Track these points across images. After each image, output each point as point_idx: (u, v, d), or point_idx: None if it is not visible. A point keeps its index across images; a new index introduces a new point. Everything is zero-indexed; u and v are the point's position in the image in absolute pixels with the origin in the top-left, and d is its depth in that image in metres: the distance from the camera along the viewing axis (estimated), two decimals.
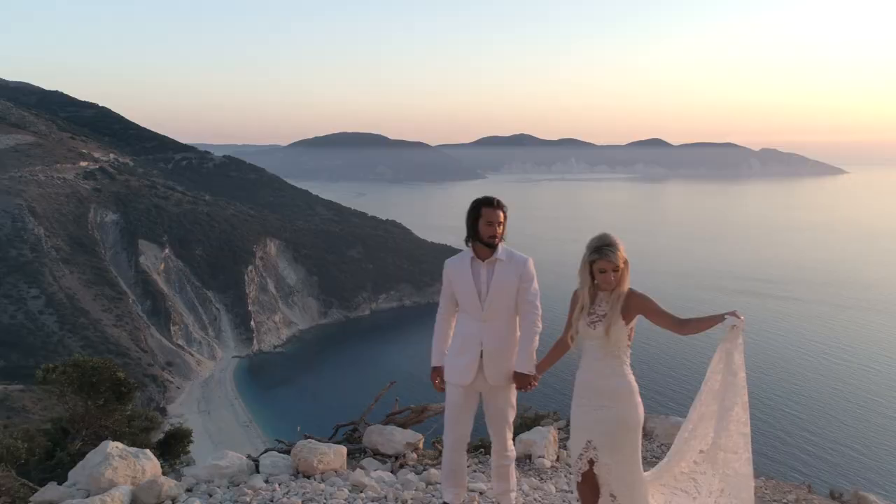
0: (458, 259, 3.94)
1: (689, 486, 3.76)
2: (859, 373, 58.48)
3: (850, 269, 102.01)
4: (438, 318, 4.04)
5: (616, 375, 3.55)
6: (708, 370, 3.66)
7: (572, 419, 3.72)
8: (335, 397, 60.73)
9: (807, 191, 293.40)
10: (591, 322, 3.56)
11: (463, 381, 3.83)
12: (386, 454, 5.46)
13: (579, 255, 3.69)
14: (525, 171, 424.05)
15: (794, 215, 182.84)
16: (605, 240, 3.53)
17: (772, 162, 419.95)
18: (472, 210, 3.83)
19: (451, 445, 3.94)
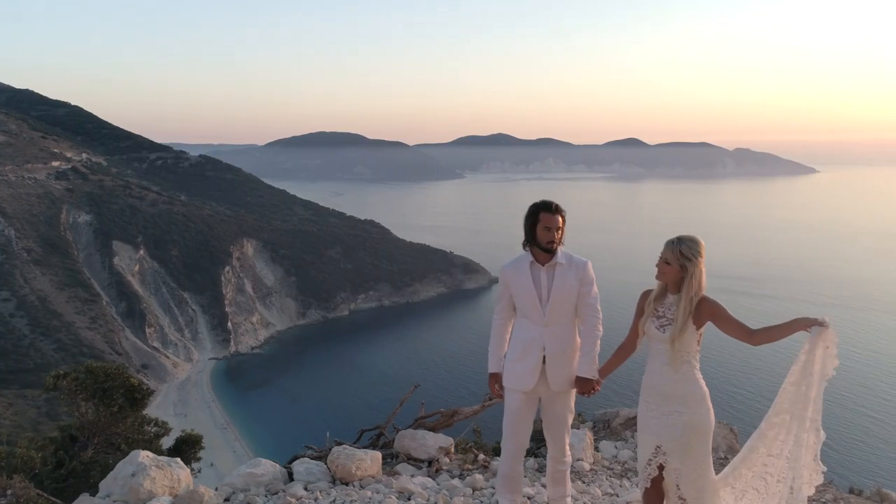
0: (515, 264, 3.87)
1: (760, 485, 3.73)
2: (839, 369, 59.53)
3: (825, 267, 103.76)
4: (495, 323, 3.93)
5: (687, 380, 3.49)
6: (785, 379, 3.60)
7: (640, 424, 3.68)
8: (315, 399, 60.39)
9: (780, 190, 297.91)
10: (660, 325, 3.52)
11: (525, 387, 3.79)
12: (419, 459, 5.35)
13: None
14: (504, 171, 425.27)
15: (768, 214, 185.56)
16: (680, 237, 3.53)
17: (746, 161, 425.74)
18: (531, 215, 3.79)
19: (511, 452, 3.89)
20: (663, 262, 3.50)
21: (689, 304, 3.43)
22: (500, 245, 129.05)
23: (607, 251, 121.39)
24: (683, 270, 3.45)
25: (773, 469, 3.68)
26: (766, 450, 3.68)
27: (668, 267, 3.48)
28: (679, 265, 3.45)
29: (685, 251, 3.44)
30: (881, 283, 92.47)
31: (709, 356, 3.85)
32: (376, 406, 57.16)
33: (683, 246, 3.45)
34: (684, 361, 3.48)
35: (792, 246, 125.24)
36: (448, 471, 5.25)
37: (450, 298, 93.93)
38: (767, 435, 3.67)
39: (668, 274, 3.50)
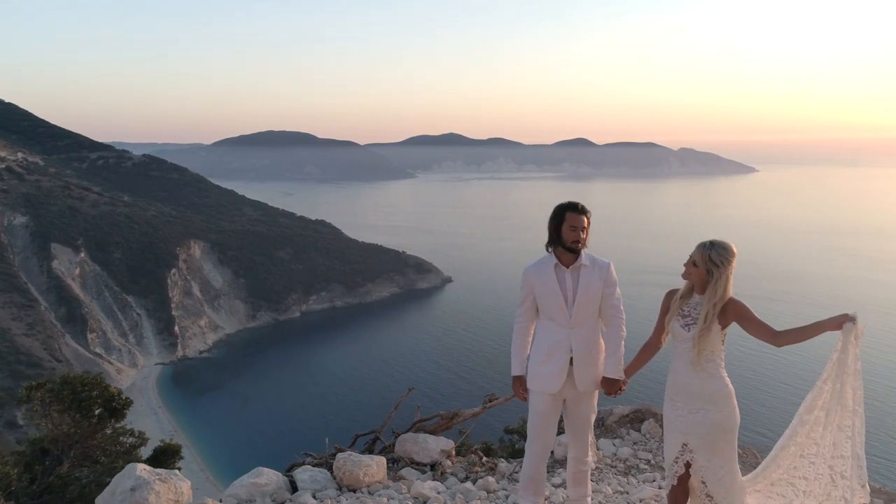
0: (539, 266, 3.88)
1: (787, 491, 3.74)
2: (783, 363, 61.52)
3: (769, 263, 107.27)
4: (518, 326, 3.92)
5: (712, 378, 3.53)
6: (819, 379, 3.61)
7: (666, 422, 3.71)
8: (267, 402, 59.36)
9: (722, 188, 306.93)
10: (685, 324, 3.57)
11: (551, 389, 3.79)
12: (421, 463, 5.30)
13: (513, 252, 3.60)
14: (455, 171, 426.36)
15: (712, 212, 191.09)
16: (713, 241, 3.61)
17: (690, 161, 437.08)
18: (557, 215, 3.83)
19: (537, 454, 3.90)
20: (691, 263, 3.59)
21: (712, 308, 3.48)
22: (453, 245, 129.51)
23: None
24: (709, 275, 3.52)
25: (802, 472, 3.69)
26: (796, 449, 3.70)
27: (694, 269, 3.57)
28: (706, 269, 3.52)
29: (714, 257, 3.52)
30: (817, 277, 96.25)
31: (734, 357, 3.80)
32: (332, 408, 56.65)
33: (713, 251, 3.54)
34: (709, 360, 3.53)
35: (735, 243, 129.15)
36: (453, 474, 5.21)
37: (403, 298, 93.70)
38: (799, 433, 3.69)
39: (694, 276, 3.58)
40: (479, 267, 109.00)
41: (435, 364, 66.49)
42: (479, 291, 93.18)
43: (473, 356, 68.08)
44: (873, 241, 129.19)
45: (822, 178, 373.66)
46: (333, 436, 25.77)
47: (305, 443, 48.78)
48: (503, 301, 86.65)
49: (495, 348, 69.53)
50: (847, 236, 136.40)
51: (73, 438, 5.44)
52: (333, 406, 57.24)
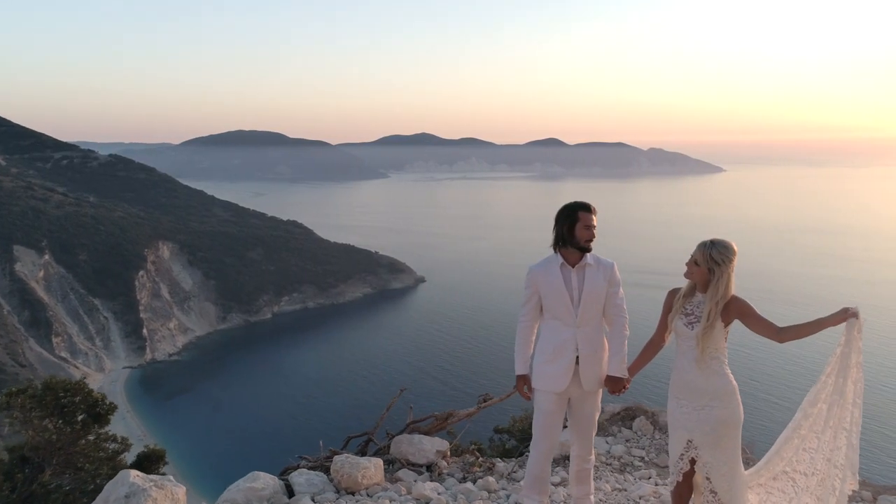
0: (544, 266, 3.88)
1: (787, 486, 3.81)
2: (750, 358, 62.67)
3: (738, 261, 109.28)
4: (522, 325, 3.94)
5: (717, 375, 3.59)
6: (822, 373, 3.68)
7: (671, 420, 3.74)
8: (238, 405, 58.61)
9: (691, 188, 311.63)
10: (688, 322, 3.63)
11: (558, 388, 3.82)
12: (417, 464, 5.27)
13: (487, 251, 3.54)
14: (428, 171, 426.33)
15: (681, 211, 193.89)
16: (713, 240, 3.64)
17: (659, 161, 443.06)
18: (569, 215, 3.83)
19: (543, 453, 3.93)
20: (692, 262, 3.64)
21: (714, 307, 3.54)
22: (426, 244, 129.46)
23: (539, 249, 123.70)
24: (711, 273, 3.57)
25: (802, 466, 3.76)
26: (799, 442, 3.78)
27: (696, 268, 3.62)
28: (707, 268, 3.57)
29: (715, 255, 3.56)
30: (784, 275, 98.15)
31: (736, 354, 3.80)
32: (306, 410, 56.16)
33: (714, 250, 3.58)
34: (713, 358, 3.58)
35: (696, 241, 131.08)
36: (450, 474, 5.20)
37: (376, 299, 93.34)
38: (803, 425, 3.76)
39: (696, 274, 3.63)
40: (452, 267, 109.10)
41: (408, 364, 66.33)
42: (452, 291, 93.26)
43: (448, 356, 68.08)
44: (838, 239, 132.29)
45: (788, 177, 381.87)
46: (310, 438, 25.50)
47: (280, 446, 48.16)
48: (477, 301, 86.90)
49: (470, 348, 69.71)
50: (813, 235, 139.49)
51: (54, 445, 5.33)
52: (307, 408, 56.76)
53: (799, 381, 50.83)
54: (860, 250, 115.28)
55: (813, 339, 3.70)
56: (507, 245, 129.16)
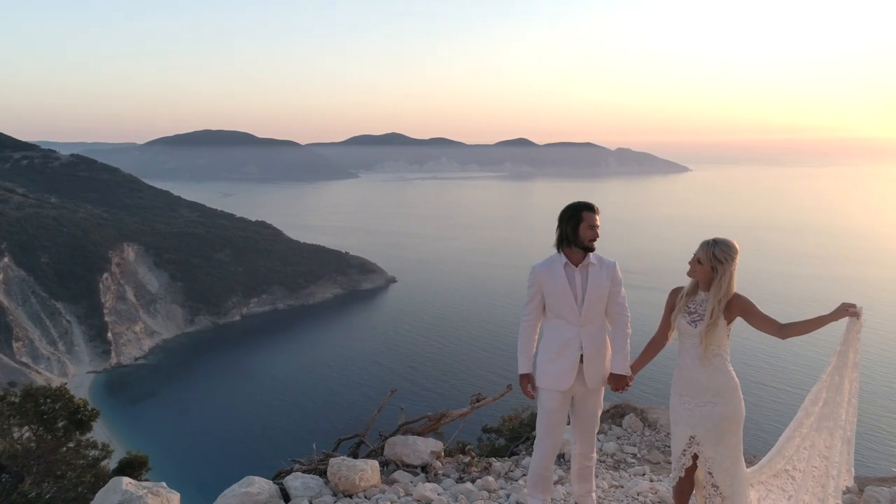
0: (547, 265, 3.90)
1: (787, 484, 3.89)
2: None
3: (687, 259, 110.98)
4: (525, 324, 3.95)
5: (720, 372, 3.64)
6: (824, 372, 3.75)
7: (673, 417, 3.79)
8: (207, 409, 57.72)
9: (658, 187, 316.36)
10: (691, 321, 3.69)
11: (562, 387, 3.84)
12: (412, 465, 5.24)
13: (458, 251, 3.47)
14: (398, 170, 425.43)
15: (649, 210, 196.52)
16: (716, 239, 3.69)
17: (627, 160, 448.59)
18: (573, 215, 3.85)
19: (548, 452, 3.94)
20: (696, 261, 3.70)
21: (717, 304, 3.60)
22: (397, 244, 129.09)
23: (511, 248, 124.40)
24: (714, 272, 3.63)
25: (801, 464, 3.83)
26: (800, 441, 3.84)
27: (699, 266, 3.68)
28: (710, 266, 3.63)
29: (718, 254, 3.61)
30: (749, 273, 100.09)
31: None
32: (277, 413, 55.51)
33: (717, 249, 3.62)
34: (716, 355, 3.64)
35: (671, 239, 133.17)
36: (445, 475, 5.17)
37: (346, 300, 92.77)
38: (805, 424, 3.82)
39: (699, 273, 3.69)
40: (423, 267, 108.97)
41: (378, 365, 66.00)
42: (424, 291, 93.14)
43: (420, 357, 67.94)
44: (802, 237, 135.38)
45: (753, 177, 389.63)
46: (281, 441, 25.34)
47: (251, 450, 47.47)
48: (449, 301, 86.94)
49: (442, 348, 69.68)
50: (778, 233, 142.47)
51: (34, 453, 5.21)
52: (278, 411, 56.15)
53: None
54: (823, 247, 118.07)
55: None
56: (478, 244, 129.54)
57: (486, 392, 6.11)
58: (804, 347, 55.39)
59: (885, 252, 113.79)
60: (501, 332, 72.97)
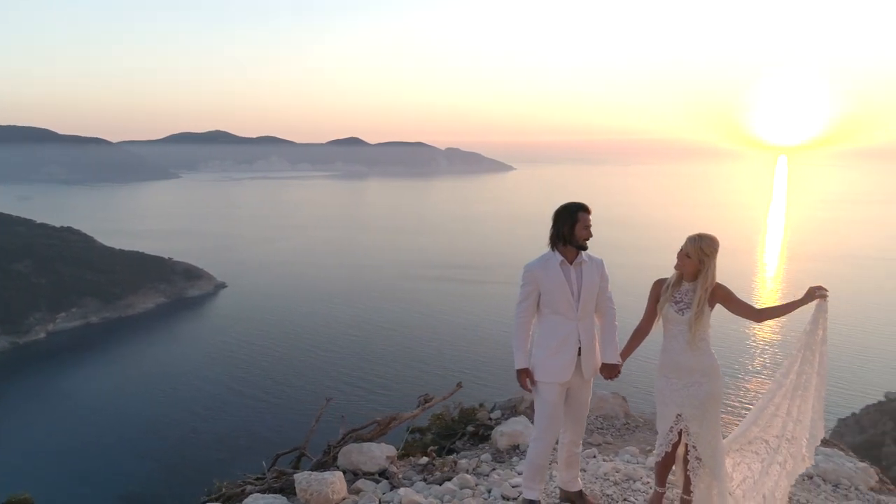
0: (543, 263, 4.07)
1: (761, 448, 4.22)
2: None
3: (525, 252, 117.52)
4: (520, 321, 4.08)
5: (705, 355, 3.98)
6: (794, 348, 4.12)
7: (661, 396, 4.10)
8: (7, 439, 51.30)
9: (485, 186, 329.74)
10: (678, 309, 3.99)
11: (563, 379, 4.02)
12: (370, 472, 5.11)
13: (291, 252, 3.59)
14: (224, 170, 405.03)
15: (477, 208, 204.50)
16: (701, 235, 4.00)
17: (456, 160, 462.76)
18: (570, 216, 4.04)
19: (549, 443, 4.09)
20: (684, 254, 4.00)
21: (704, 293, 3.93)
22: (226, 248, 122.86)
23: (350, 247, 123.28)
24: (701, 264, 3.94)
25: (774, 430, 4.19)
26: (773, 409, 4.20)
27: (688, 259, 3.98)
28: (698, 259, 3.95)
29: (705, 248, 3.94)
30: None
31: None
32: (95, 437, 50.69)
33: (704, 243, 3.95)
34: (701, 339, 3.97)
35: (496, 236, 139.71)
36: (407, 478, 5.12)
37: (171, 308, 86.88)
38: (777, 394, 4.19)
39: (687, 265, 3.99)
40: (255, 270, 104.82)
41: (204, 379, 62.47)
42: (257, 295, 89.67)
43: (254, 364, 65.31)
44: (611, 230, 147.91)
45: (570, 175, 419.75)
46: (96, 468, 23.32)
47: (67, 478, 42.73)
48: (284, 304, 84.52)
49: (277, 354, 67.59)
50: (592, 227, 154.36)
51: None
52: (100, 431, 51.46)
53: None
54: (630, 239, 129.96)
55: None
56: (312, 245, 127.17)
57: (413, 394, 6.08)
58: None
59: (678, 241, 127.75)
60: (340, 335, 72.45)
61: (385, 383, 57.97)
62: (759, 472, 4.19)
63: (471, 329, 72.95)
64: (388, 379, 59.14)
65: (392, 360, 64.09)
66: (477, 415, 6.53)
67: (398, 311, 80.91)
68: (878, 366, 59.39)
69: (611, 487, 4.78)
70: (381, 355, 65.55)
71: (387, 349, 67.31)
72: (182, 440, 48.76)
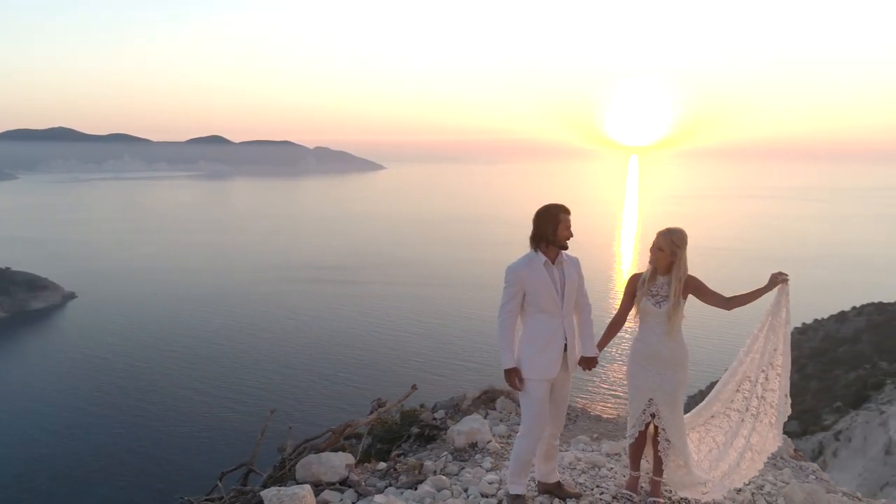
0: (527, 263, 4.16)
1: (723, 422, 4.51)
2: (413, 337, 68.32)
3: (393, 252, 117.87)
4: (507, 321, 4.17)
5: (678, 345, 4.24)
6: (755, 328, 4.39)
7: (634, 382, 4.34)
8: None
9: (355, 185, 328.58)
10: (655, 302, 4.22)
11: (551, 375, 4.15)
12: (331, 482, 4.99)
13: (148, 258, 3.07)
14: (70, 170, 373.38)
15: (347, 207, 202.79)
16: (670, 229, 4.24)
17: (326, 159, 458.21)
18: (553, 217, 4.12)
19: (538, 438, 4.23)
20: (657, 248, 4.21)
21: (678, 283, 4.17)
22: (74, 255, 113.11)
23: (214, 250, 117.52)
24: (673, 255, 4.18)
25: (736, 405, 4.44)
26: (734, 385, 4.44)
27: (661, 253, 4.20)
28: (671, 251, 4.17)
29: (677, 240, 4.17)
30: (436, 260, 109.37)
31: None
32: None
33: (675, 236, 4.18)
34: (677, 330, 4.22)
35: (366, 235, 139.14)
36: (371, 485, 5.04)
37: (12, 323, 78.29)
38: (738, 371, 4.42)
39: (661, 259, 4.21)
40: (109, 278, 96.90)
41: (60, 393, 57.03)
42: (112, 305, 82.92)
43: (107, 379, 60.22)
44: (481, 226, 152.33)
45: (439, 174, 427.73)
46: None
47: None
48: (141, 313, 78.92)
49: (134, 366, 62.84)
50: (463, 224, 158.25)
51: None
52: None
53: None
54: (501, 235, 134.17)
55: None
56: (173, 250, 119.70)
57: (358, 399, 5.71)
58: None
59: None
60: (211, 343, 68.80)
61: (264, 392, 55.66)
62: (723, 444, 4.48)
63: (350, 330, 71.97)
64: (268, 386, 56.87)
65: (270, 366, 61.75)
66: (421, 415, 6.58)
67: (271, 315, 78.16)
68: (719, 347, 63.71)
69: (581, 476, 4.93)
70: (259, 361, 62.99)
71: (263, 354, 64.78)
72: (31, 468, 43.94)
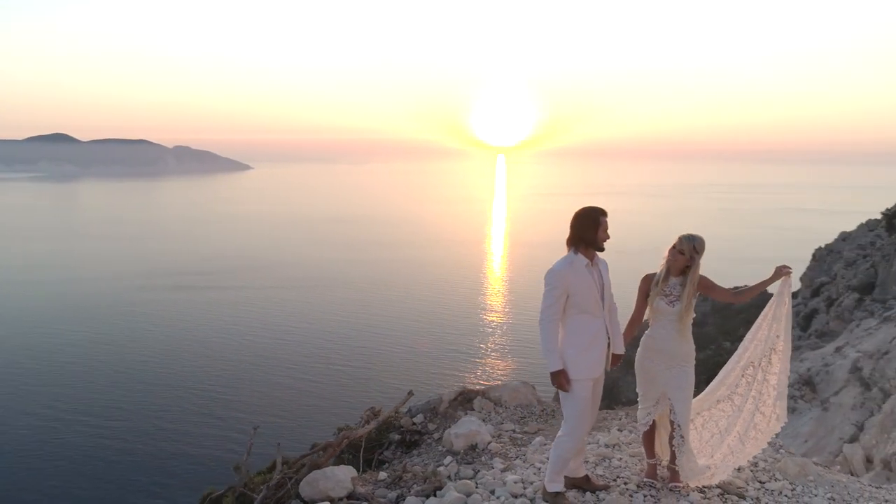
0: (570, 266, 4.25)
1: (727, 406, 4.79)
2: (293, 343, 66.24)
3: (263, 254, 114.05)
4: (551, 325, 4.23)
5: (688, 341, 4.55)
6: (759, 317, 4.69)
7: (646, 376, 4.63)
8: None
9: (220, 186, 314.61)
10: (669, 301, 4.52)
11: (596, 374, 4.31)
12: (339, 497, 4.79)
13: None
14: None
15: (210, 209, 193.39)
16: (692, 235, 4.50)
17: (187, 159, 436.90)
18: (593, 220, 4.25)
19: (581, 439, 4.37)
20: (677, 251, 4.47)
21: (692, 286, 4.48)
22: None
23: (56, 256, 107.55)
24: (691, 260, 4.46)
25: (741, 389, 4.75)
26: (740, 371, 4.76)
27: (680, 256, 4.47)
28: (689, 256, 4.46)
29: (697, 246, 4.45)
30: (314, 262, 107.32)
31: None
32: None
33: (696, 243, 4.45)
34: (687, 327, 4.51)
35: (235, 238, 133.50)
36: (382, 497, 4.85)
37: None
38: (743, 357, 4.74)
39: (679, 261, 4.48)
40: None
41: None
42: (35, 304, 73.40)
43: None
44: (354, 226, 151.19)
45: (307, 173, 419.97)
46: None
47: None
48: None
49: None
50: (337, 224, 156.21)
51: None
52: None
53: None
54: (378, 234, 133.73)
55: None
56: (13, 259, 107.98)
57: None
58: None
59: (420, 236, 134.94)
60: (67, 359, 62.64)
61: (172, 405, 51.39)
62: (725, 429, 4.77)
63: (237, 337, 68.34)
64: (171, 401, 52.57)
65: (147, 379, 57.17)
66: (401, 421, 6.47)
67: (131, 325, 72.33)
68: None
69: (597, 468, 4.97)
70: (131, 375, 58.13)
71: (139, 367, 59.90)
72: None
